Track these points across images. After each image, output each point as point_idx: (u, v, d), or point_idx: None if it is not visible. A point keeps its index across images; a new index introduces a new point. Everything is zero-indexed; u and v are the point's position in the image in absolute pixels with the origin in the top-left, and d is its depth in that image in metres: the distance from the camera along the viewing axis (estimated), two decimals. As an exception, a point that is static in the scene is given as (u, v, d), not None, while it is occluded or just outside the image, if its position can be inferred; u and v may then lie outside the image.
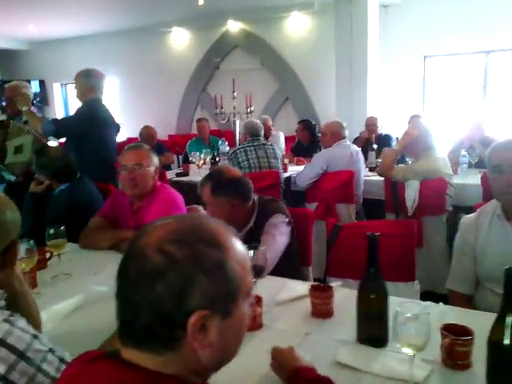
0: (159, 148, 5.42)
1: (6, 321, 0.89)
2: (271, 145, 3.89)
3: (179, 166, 5.72)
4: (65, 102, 10.15)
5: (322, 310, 1.37)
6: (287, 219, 1.96)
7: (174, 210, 2.22)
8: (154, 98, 8.65)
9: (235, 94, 4.77)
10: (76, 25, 8.27)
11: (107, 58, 9.04)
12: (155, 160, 2.27)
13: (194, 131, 8.79)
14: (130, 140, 8.53)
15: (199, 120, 5.70)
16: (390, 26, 6.58)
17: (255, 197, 2.01)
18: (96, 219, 2.28)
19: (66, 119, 3.10)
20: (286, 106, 7.79)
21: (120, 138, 8.12)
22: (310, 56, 7.29)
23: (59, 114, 10.07)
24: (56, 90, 9.97)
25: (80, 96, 3.12)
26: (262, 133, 3.89)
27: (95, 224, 2.25)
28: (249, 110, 4.68)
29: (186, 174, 4.49)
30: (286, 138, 5.96)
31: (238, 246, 0.74)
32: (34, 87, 9.64)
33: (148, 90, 8.68)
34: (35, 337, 0.91)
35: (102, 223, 2.27)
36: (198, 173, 4.52)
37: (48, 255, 1.99)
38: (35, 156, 2.43)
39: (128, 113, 8.64)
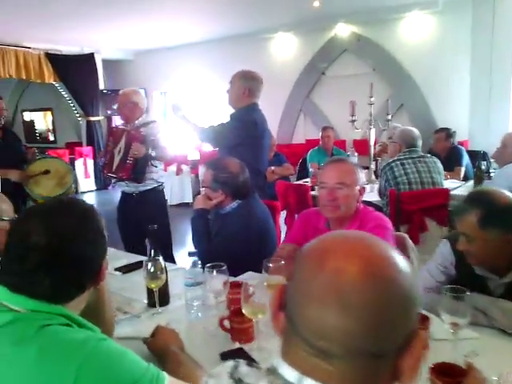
0: (278, 158, 5.10)
1: None
2: (431, 157, 3.37)
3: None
4: (164, 111, 10.27)
5: None
6: None
7: (387, 240, 1.79)
8: (256, 106, 8.42)
9: (372, 99, 4.31)
10: (177, 34, 8.29)
11: (207, 66, 9.00)
12: (361, 177, 1.87)
13: (296, 140, 8.49)
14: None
15: (324, 129, 5.29)
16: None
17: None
18: (288, 246, 1.91)
19: (224, 126, 2.81)
20: (400, 113, 7.18)
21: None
22: (431, 59, 6.66)
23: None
24: (155, 99, 10.10)
25: (235, 100, 2.81)
26: (421, 143, 3.39)
27: (288, 253, 1.89)
28: (389, 117, 4.20)
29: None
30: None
31: None
32: (138, 96, 9.83)
33: (250, 98, 8.47)
34: None
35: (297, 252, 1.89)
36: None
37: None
38: (214, 171, 2.14)
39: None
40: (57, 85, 9.73)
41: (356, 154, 4.61)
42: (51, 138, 12.19)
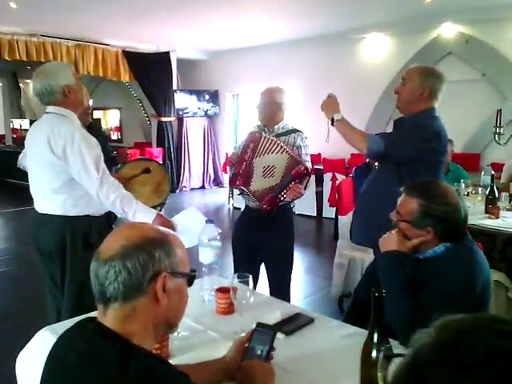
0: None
1: None
2: None
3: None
4: (236, 113, 9.81)
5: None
6: None
7: None
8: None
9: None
10: (255, 34, 7.79)
11: (287, 68, 8.44)
12: None
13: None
14: (312, 158, 7.72)
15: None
16: None
17: None
18: None
19: (398, 135, 2.19)
20: (512, 126, 6.28)
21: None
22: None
23: (229, 125, 9.75)
24: (228, 101, 9.65)
25: (409, 102, 2.16)
26: None
27: None
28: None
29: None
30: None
31: None
32: (209, 97, 9.42)
33: (334, 103, 7.82)
34: None
35: None
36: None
37: None
38: (424, 200, 1.50)
39: (310, 126, 7.86)
40: (127, 84, 9.52)
41: (493, 172, 3.83)
42: (114, 136, 12.02)
